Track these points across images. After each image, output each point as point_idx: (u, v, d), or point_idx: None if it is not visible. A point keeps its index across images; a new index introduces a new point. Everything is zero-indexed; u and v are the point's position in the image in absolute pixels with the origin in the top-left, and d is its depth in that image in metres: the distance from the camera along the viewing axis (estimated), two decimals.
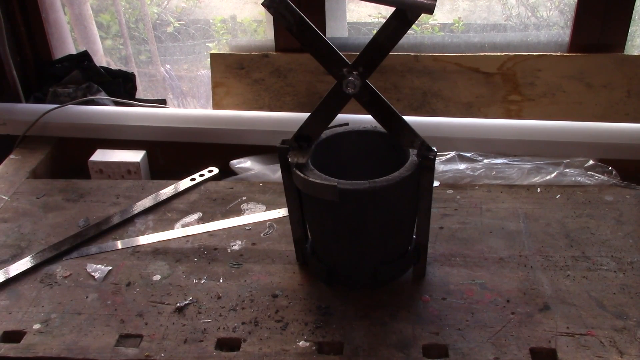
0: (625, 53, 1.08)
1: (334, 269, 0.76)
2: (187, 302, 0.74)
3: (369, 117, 0.69)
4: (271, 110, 1.20)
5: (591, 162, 1.01)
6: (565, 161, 1.02)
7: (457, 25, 1.33)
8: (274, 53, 1.18)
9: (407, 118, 0.69)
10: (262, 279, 0.78)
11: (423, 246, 0.74)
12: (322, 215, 0.71)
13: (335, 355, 0.66)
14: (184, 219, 0.91)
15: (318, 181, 0.65)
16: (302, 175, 0.67)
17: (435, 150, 0.68)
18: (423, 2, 0.61)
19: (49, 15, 1.27)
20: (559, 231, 0.84)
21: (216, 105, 1.23)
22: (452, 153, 1.03)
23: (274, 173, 1.05)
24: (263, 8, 0.64)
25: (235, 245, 0.85)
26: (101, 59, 1.43)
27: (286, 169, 0.71)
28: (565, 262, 0.78)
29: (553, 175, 1.00)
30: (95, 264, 0.82)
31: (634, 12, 1.04)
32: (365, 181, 0.65)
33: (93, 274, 0.80)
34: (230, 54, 1.20)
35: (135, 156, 1.08)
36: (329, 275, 0.75)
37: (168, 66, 1.51)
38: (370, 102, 0.68)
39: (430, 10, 0.61)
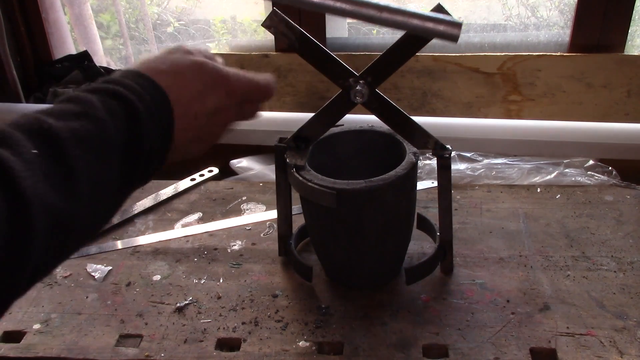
0: (625, 53, 1.07)
1: (333, 269, 0.76)
2: (187, 302, 0.74)
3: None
4: (271, 110, 1.20)
5: (591, 162, 1.01)
6: (565, 161, 1.02)
7: None
8: (274, 53, 1.18)
9: None
10: (262, 279, 0.78)
11: (448, 242, 0.75)
12: (319, 215, 0.71)
13: (335, 355, 0.66)
14: (184, 219, 0.91)
15: (317, 187, 0.65)
16: (300, 178, 0.67)
17: (450, 148, 0.68)
18: (446, 31, 0.53)
19: (49, 15, 1.26)
20: (559, 231, 0.84)
21: None
22: (452, 153, 1.03)
23: (274, 173, 1.05)
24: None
25: (235, 245, 0.85)
26: (101, 59, 1.43)
27: (281, 167, 0.72)
28: (565, 262, 0.78)
29: (553, 175, 1.00)
30: (95, 264, 0.82)
31: (634, 12, 1.04)
32: (361, 181, 0.65)
33: (93, 274, 0.80)
34: (230, 54, 1.20)
35: None
36: (310, 273, 0.75)
37: None
38: (380, 109, 0.68)
39: (454, 39, 0.53)
